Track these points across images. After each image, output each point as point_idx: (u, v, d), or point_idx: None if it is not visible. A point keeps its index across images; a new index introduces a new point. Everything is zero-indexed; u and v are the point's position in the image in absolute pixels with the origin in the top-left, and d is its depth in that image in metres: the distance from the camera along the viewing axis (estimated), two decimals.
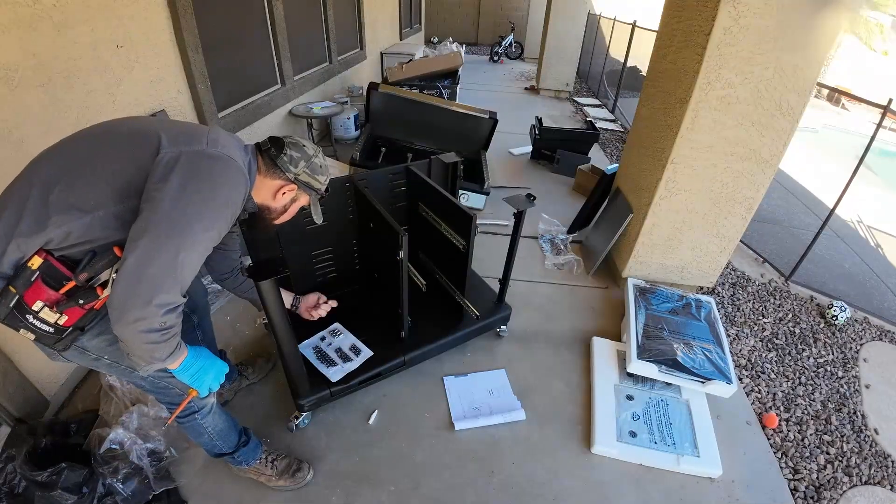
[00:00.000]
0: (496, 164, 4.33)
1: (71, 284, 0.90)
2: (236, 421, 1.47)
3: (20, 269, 0.86)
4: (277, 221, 1.24)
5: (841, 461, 1.84)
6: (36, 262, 0.86)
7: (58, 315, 0.90)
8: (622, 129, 5.89)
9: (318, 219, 1.31)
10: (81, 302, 0.92)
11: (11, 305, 0.86)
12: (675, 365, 1.88)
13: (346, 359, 1.81)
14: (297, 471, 1.54)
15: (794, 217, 4.46)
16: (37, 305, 0.87)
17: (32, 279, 0.86)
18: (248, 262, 1.70)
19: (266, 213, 1.20)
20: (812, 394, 2.14)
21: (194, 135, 0.97)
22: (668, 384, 1.93)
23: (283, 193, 1.17)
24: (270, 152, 1.12)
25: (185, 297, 0.92)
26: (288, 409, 1.76)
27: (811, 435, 1.93)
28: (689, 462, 1.68)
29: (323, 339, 1.91)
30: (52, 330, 0.91)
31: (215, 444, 1.39)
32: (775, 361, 2.31)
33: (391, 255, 1.62)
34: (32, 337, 0.92)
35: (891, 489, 1.76)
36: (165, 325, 0.89)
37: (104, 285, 0.93)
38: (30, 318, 0.88)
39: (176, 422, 1.23)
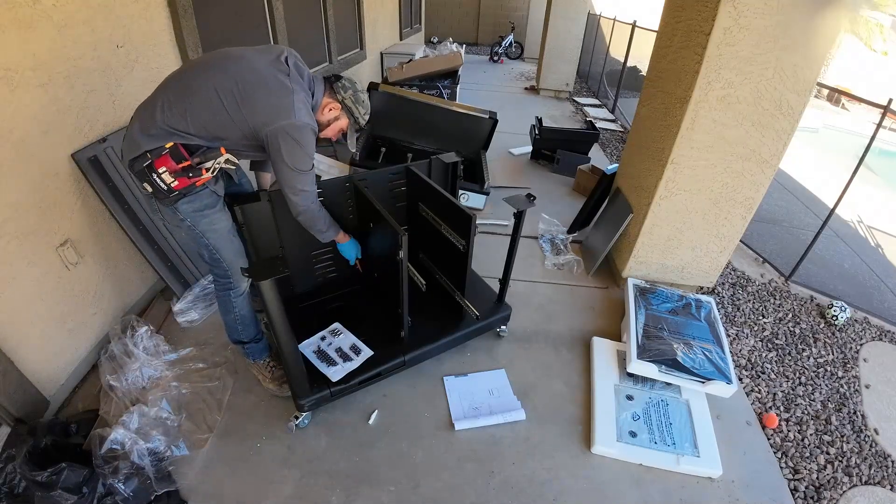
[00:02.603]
0: (496, 164, 4.33)
1: (187, 163, 1.31)
2: (259, 323, 1.85)
3: (157, 146, 1.28)
4: (322, 134, 1.56)
5: (841, 461, 1.84)
6: (169, 144, 1.28)
7: (172, 179, 1.31)
8: (622, 129, 5.89)
9: (351, 146, 1.71)
10: (191, 175, 1.33)
11: (145, 165, 1.28)
12: (675, 365, 1.88)
13: (346, 358, 1.81)
14: (286, 382, 1.82)
15: (794, 217, 4.46)
16: (161, 169, 1.29)
17: (163, 153, 1.28)
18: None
19: (318, 126, 1.51)
20: (812, 394, 2.14)
21: (283, 109, 1.34)
22: (668, 384, 1.93)
23: (330, 110, 1.53)
24: (331, 80, 1.55)
25: (315, 189, 1.53)
26: (288, 409, 1.76)
27: (811, 435, 1.93)
28: (689, 462, 1.68)
29: (323, 338, 1.91)
30: (165, 188, 1.32)
31: (236, 328, 1.75)
32: (775, 361, 2.31)
33: (391, 255, 1.62)
34: (151, 190, 1.32)
35: (891, 489, 1.76)
36: (314, 207, 1.55)
37: (207, 169, 1.36)
38: (154, 176, 1.29)
39: (214, 293, 1.70)
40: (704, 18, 1.92)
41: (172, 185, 1.32)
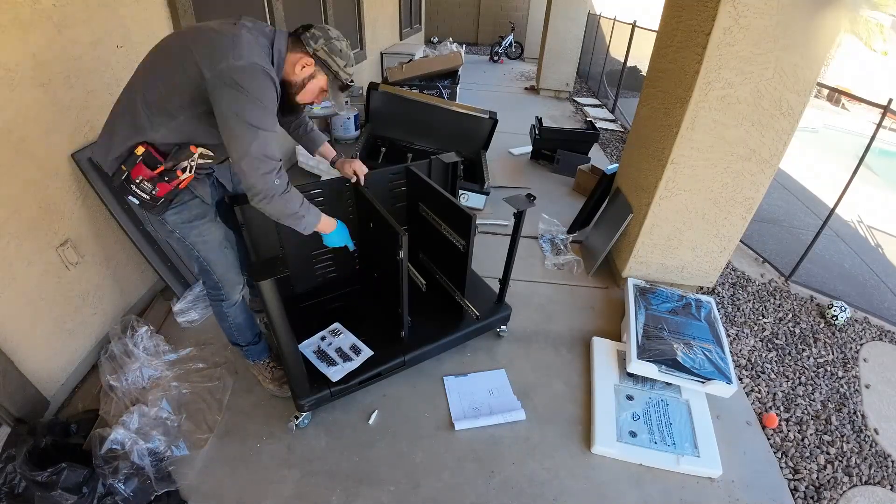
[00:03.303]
0: (496, 164, 4.33)
1: (161, 168, 1.25)
2: (256, 326, 1.82)
3: (129, 155, 1.23)
4: (298, 98, 1.38)
5: (841, 461, 1.84)
6: (140, 150, 1.23)
7: (152, 187, 1.27)
8: (622, 129, 5.89)
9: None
10: (167, 179, 1.27)
11: (123, 179, 1.25)
12: (675, 365, 1.88)
13: (346, 358, 1.81)
14: (286, 382, 1.80)
15: (794, 217, 4.46)
16: (137, 179, 1.25)
17: (137, 161, 1.23)
18: (310, 122, 1.79)
19: (289, 88, 1.34)
20: (812, 394, 2.14)
21: (223, 48, 1.16)
22: (668, 384, 1.93)
23: (302, 67, 1.32)
24: (297, 31, 1.32)
25: (279, 160, 1.26)
26: (288, 409, 1.76)
27: (811, 435, 1.94)
28: (689, 462, 1.68)
29: (323, 338, 1.91)
30: (148, 198, 1.28)
31: (233, 334, 1.75)
32: (775, 361, 2.31)
33: (391, 256, 1.62)
34: (137, 202, 1.28)
35: (891, 489, 1.76)
36: (276, 183, 1.24)
37: (182, 169, 1.29)
38: (133, 187, 1.25)
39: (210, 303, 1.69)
40: (704, 18, 1.92)
41: (154, 192, 1.27)
